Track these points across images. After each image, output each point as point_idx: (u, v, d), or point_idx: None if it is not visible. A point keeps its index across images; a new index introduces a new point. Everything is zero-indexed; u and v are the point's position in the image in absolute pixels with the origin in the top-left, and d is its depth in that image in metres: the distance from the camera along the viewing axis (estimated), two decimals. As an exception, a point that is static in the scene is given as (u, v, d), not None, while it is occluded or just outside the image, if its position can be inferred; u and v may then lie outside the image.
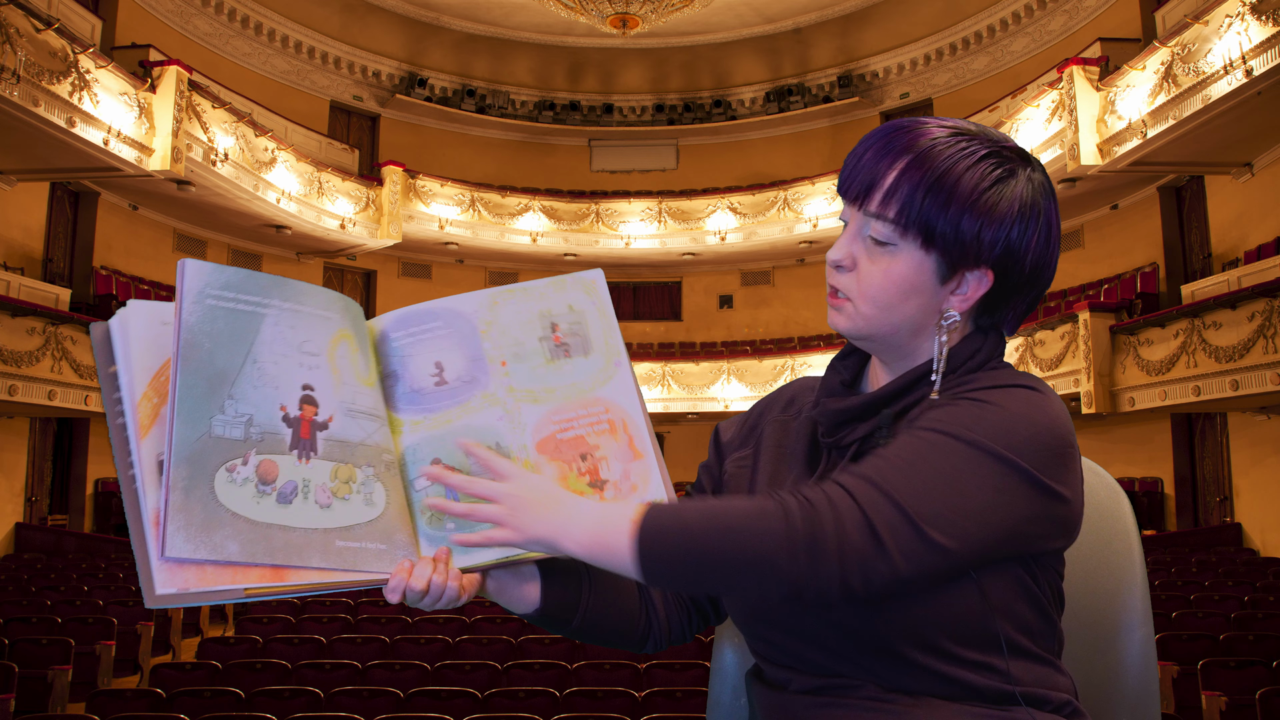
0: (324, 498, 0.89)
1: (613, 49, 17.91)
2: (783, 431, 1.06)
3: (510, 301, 1.00)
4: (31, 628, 6.01)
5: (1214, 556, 9.37)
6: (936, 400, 0.92)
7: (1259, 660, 4.83)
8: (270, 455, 0.87)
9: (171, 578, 0.83)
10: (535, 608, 0.99)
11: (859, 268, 0.96)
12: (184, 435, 0.84)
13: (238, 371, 0.87)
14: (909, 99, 17.30)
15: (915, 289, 0.94)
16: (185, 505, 0.82)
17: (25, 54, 9.13)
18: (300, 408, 0.90)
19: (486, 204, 16.92)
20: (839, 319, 0.97)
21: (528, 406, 0.97)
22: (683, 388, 16.25)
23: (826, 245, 16.97)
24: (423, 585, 0.90)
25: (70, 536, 10.93)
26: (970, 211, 0.91)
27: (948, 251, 0.93)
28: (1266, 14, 8.40)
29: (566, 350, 0.99)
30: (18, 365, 9.35)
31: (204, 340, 0.87)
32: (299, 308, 0.92)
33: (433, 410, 0.96)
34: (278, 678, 4.84)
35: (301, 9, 15.96)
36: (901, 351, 0.98)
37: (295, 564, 0.86)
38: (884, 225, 0.93)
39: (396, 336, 0.98)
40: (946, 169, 0.91)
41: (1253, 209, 10.82)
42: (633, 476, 0.96)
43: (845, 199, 0.97)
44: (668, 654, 5.56)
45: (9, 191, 11.05)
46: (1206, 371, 9.38)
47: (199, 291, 0.88)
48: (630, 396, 0.98)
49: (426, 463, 0.95)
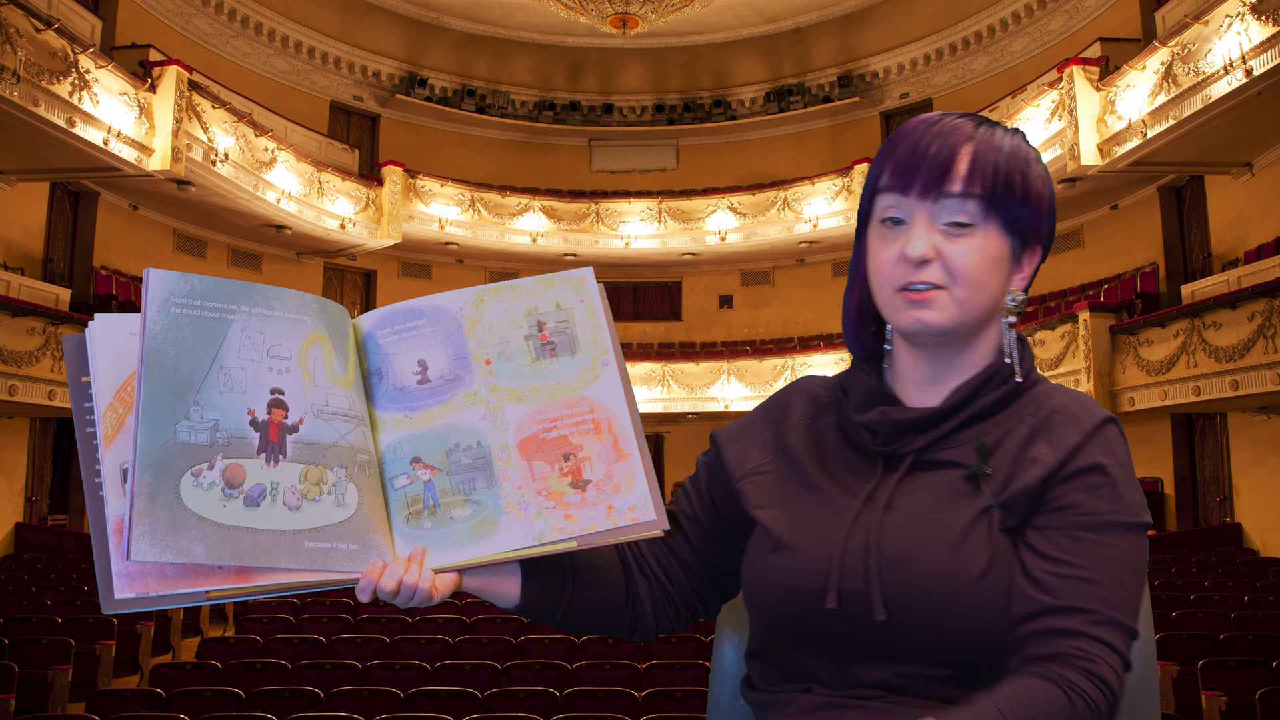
0: (293, 500, 0.89)
1: (613, 49, 17.91)
2: (811, 435, 1.04)
3: (497, 299, 0.99)
4: (31, 628, 6.01)
5: (1214, 556, 9.37)
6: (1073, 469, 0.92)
7: (1259, 660, 4.83)
8: (237, 459, 0.87)
9: (131, 583, 0.83)
10: (516, 603, 0.99)
11: (945, 253, 0.94)
12: (148, 442, 0.84)
13: (203, 378, 0.88)
14: (909, 99, 17.31)
15: (999, 265, 0.95)
16: (150, 510, 0.83)
17: (25, 54, 9.13)
18: (269, 411, 0.90)
19: (486, 204, 16.92)
20: (929, 314, 0.94)
21: (511, 406, 0.96)
22: (683, 388, 16.25)
23: (827, 245, 16.98)
24: (392, 586, 0.90)
25: (70, 536, 10.93)
26: (1034, 190, 0.96)
27: (1022, 227, 0.96)
28: (1266, 14, 8.40)
29: (553, 349, 0.98)
30: (18, 365, 9.35)
31: (168, 348, 0.87)
32: (268, 312, 0.92)
33: (414, 409, 0.96)
34: (278, 678, 4.84)
35: (301, 9, 15.96)
36: (967, 341, 0.97)
37: (263, 565, 0.86)
38: (974, 202, 0.94)
39: (381, 334, 0.98)
40: (1011, 151, 0.95)
41: (1253, 209, 10.82)
42: (616, 477, 0.95)
43: (908, 193, 0.95)
44: (668, 654, 5.56)
45: (9, 191, 11.05)
46: (1206, 371, 9.38)
47: (163, 300, 0.88)
48: (617, 396, 0.97)
49: (406, 461, 0.95)
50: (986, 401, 0.96)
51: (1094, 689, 0.85)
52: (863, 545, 0.92)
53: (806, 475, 1.01)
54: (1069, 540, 0.90)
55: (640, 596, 1.06)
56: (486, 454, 0.95)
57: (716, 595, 1.10)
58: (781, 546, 0.97)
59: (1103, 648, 0.86)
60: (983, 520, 0.91)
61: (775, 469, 1.03)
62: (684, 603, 1.09)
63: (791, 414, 1.07)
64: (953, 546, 0.90)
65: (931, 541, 0.91)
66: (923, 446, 0.96)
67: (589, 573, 1.03)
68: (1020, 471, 0.92)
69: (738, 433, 1.09)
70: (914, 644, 0.91)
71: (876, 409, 0.99)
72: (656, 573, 1.08)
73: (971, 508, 0.92)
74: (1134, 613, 0.89)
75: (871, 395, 1.01)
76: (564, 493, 0.94)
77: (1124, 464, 0.93)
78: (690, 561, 1.08)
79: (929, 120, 0.97)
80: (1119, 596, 0.88)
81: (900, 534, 0.92)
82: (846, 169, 16.22)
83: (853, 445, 1.01)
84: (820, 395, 1.07)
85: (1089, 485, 0.92)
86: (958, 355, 0.98)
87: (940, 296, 0.94)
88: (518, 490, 0.94)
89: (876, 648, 0.92)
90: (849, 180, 16.02)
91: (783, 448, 1.05)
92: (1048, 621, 0.87)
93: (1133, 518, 0.91)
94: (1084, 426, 0.93)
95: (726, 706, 1.19)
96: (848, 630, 0.93)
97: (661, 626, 1.08)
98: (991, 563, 0.89)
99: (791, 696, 0.97)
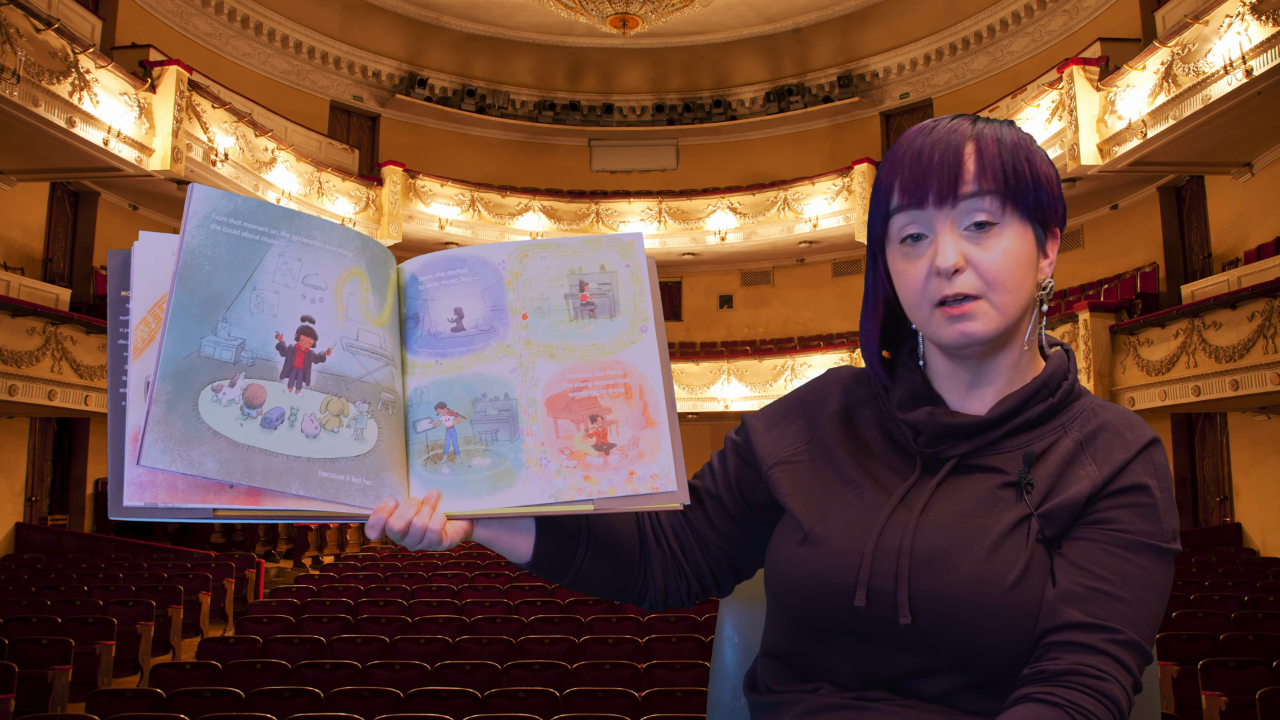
0: (311, 427, 0.88)
1: (613, 49, 17.92)
2: (847, 428, 1.03)
3: (541, 255, 0.99)
4: (31, 628, 6.01)
5: (1214, 556, 9.36)
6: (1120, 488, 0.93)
7: (1259, 660, 4.83)
8: (259, 380, 0.87)
9: (141, 491, 0.83)
10: (526, 560, 0.99)
11: (974, 260, 0.92)
12: (172, 352, 0.84)
13: (235, 296, 0.87)
14: (909, 99, 17.31)
15: (1029, 260, 0.95)
16: (166, 419, 0.82)
17: (25, 54, 9.13)
18: (297, 338, 0.89)
19: (486, 204, 16.92)
20: (973, 326, 0.92)
21: (543, 361, 0.96)
22: (683, 388, 16.25)
23: (827, 245, 16.99)
24: (402, 525, 0.89)
25: (70, 536, 10.93)
26: (1042, 172, 0.95)
27: (1041, 213, 0.95)
28: (1266, 14, 8.40)
29: (592, 310, 0.97)
30: (18, 365, 9.34)
31: (203, 263, 0.87)
32: (308, 241, 0.91)
33: (446, 355, 0.96)
34: (278, 678, 4.84)
35: (301, 9, 15.96)
36: (1006, 339, 0.97)
37: (273, 488, 0.85)
38: (992, 199, 0.93)
39: (423, 279, 0.98)
40: (1014, 142, 0.95)
41: (1253, 209, 10.82)
42: (641, 444, 0.94)
43: (924, 205, 0.94)
44: (668, 654, 5.56)
45: (9, 191, 11.05)
46: (1206, 371, 9.38)
47: (204, 215, 0.88)
48: (652, 364, 0.96)
49: (431, 406, 0.94)
50: (1034, 413, 0.96)
51: (1101, 708, 0.85)
52: (895, 545, 0.92)
53: (841, 468, 1.00)
54: (1103, 554, 0.90)
55: (653, 568, 1.06)
56: (513, 407, 0.94)
57: (731, 575, 1.10)
58: (811, 539, 0.96)
59: (1117, 667, 0.87)
60: (1021, 528, 0.91)
61: (809, 459, 1.03)
62: (696, 578, 1.08)
63: (828, 404, 1.06)
64: (988, 551, 0.90)
65: (967, 545, 0.90)
66: (966, 452, 0.96)
67: (604, 537, 1.03)
68: (1064, 485, 0.92)
69: (772, 419, 1.08)
70: (939, 648, 0.90)
71: (924, 409, 0.98)
72: (673, 546, 1.07)
73: (1010, 515, 0.92)
74: (1151, 637, 0.89)
75: (918, 395, 1.00)
76: (586, 454, 0.93)
77: (1166, 488, 0.93)
78: (708, 538, 1.08)
79: (924, 129, 0.96)
80: (1141, 618, 0.89)
81: (935, 536, 0.91)
82: (846, 169, 16.21)
83: (891, 441, 1.01)
84: (854, 387, 1.07)
85: (1132, 504, 0.92)
86: (997, 354, 0.97)
87: (980, 307, 0.92)
88: (540, 446, 0.93)
89: (901, 649, 0.92)
90: (849, 180, 16.02)
91: (817, 437, 1.04)
92: (1070, 635, 0.87)
93: (1167, 543, 0.92)
94: (1132, 446, 0.94)
95: (726, 706, 1.19)
96: (873, 629, 0.92)
97: (671, 599, 1.08)
98: (1026, 571, 0.89)
99: (798, 697, 0.96)
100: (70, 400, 9.97)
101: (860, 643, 0.93)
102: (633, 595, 1.06)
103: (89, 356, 10.17)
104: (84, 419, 11.78)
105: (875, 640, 0.92)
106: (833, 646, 0.95)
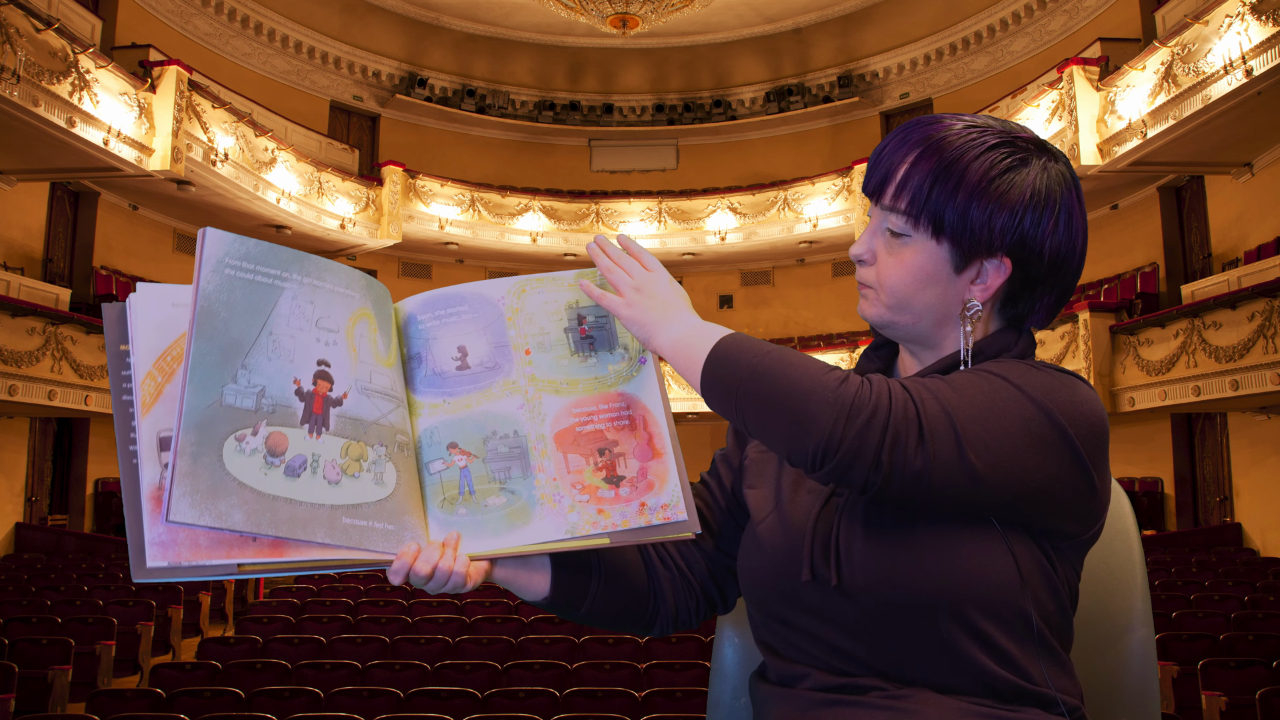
0: (333, 474, 0.87)
1: (613, 49, 17.91)
2: None
3: (538, 290, 0.99)
4: (31, 628, 6.01)
5: (1214, 556, 9.36)
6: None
7: (1259, 660, 4.82)
8: (281, 428, 0.86)
9: (164, 551, 0.81)
10: (544, 597, 0.99)
11: (879, 260, 0.98)
12: (194, 402, 0.83)
13: (252, 342, 0.87)
14: (909, 99, 17.31)
15: (931, 278, 0.96)
16: (192, 471, 0.81)
17: (25, 54, 9.13)
18: (314, 382, 0.89)
19: (486, 204, 16.92)
20: (866, 306, 1.00)
21: (549, 397, 0.96)
22: (683, 387, 16.23)
23: (826, 245, 16.99)
24: (428, 570, 0.89)
25: (70, 536, 10.93)
26: (979, 199, 0.93)
27: (958, 240, 0.94)
28: (1266, 14, 8.40)
29: (591, 343, 0.99)
30: (18, 365, 9.34)
31: (220, 309, 0.86)
32: (319, 283, 0.91)
33: (453, 394, 0.96)
34: (278, 678, 4.84)
35: (301, 9, 15.96)
36: (928, 341, 1.00)
37: (299, 538, 0.84)
38: (898, 217, 0.95)
39: (422, 319, 0.98)
40: (955, 158, 0.93)
41: (1253, 209, 10.82)
42: (650, 474, 0.95)
43: (866, 194, 1.00)
44: (668, 654, 5.56)
45: (9, 191, 11.05)
46: (1206, 371, 9.38)
47: (219, 260, 0.87)
48: (653, 395, 0.98)
49: (443, 446, 0.94)
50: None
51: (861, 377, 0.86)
52: (831, 520, 0.94)
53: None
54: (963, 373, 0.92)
55: (662, 589, 1.07)
56: (523, 443, 0.95)
57: (735, 585, 1.11)
58: (763, 523, 1.00)
59: (900, 386, 0.86)
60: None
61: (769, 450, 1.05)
62: (704, 593, 1.10)
63: None
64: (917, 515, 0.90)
65: (898, 510, 0.90)
66: None
67: (615, 567, 1.03)
68: None
69: None
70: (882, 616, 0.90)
71: None
72: (679, 563, 1.09)
73: None
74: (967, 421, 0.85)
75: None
76: (598, 487, 0.94)
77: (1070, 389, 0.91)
78: (712, 551, 1.10)
79: (907, 125, 0.99)
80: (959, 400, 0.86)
81: (868, 506, 0.93)
82: (846, 169, 16.21)
83: None
84: None
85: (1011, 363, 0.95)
86: (928, 348, 1.01)
87: (870, 294, 1.00)
88: (552, 481, 0.94)
89: (853, 622, 0.92)
90: (849, 180, 16.01)
91: None
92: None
93: (1037, 393, 0.89)
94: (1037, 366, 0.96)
95: (726, 706, 1.19)
96: (822, 604, 0.93)
97: (681, 619, 1.09)
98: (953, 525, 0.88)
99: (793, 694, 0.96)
100: (70, 400, 9.96)
101: (819, 620, 0.94)
102: (644, 621, 1.07)
103: (89, 356, 10.17)
104: (84, 419, 11.78)
105: (828, 616, 0.93)
106: (801, 628, 0.96)
